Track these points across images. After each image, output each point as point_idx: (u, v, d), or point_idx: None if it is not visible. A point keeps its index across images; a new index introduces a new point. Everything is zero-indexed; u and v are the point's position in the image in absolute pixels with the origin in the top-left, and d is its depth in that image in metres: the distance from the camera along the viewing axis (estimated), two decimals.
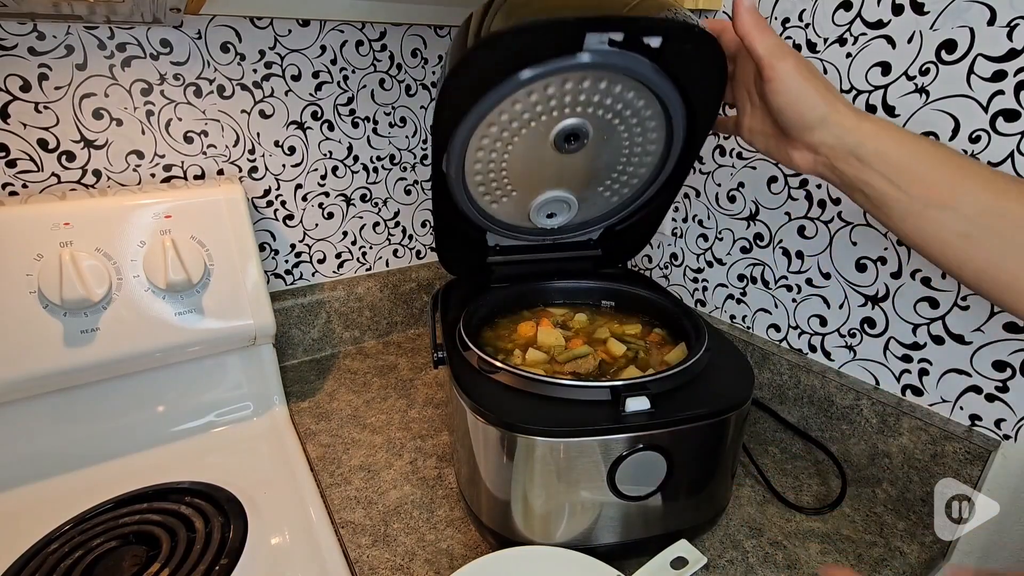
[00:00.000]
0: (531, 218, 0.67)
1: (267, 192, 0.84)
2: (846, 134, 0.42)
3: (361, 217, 0.94)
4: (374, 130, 0.90)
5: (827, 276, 0.67)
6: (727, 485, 0.55)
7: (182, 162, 0.77)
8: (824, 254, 0.67)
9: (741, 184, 0.75)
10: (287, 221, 0.87)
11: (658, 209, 0.69)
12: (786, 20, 0.65)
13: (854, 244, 0.64)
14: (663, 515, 0.51)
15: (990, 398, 0.55)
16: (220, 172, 0.80)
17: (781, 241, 0.72)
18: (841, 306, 0.66)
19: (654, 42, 0.48)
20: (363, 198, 0.93)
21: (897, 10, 0.55)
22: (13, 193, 0.68)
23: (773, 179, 0.71)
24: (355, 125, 0.88)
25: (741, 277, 0.78)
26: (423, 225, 1.01)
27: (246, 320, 0.70)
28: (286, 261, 0.89)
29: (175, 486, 0.63)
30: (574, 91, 0.53)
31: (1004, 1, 0.49)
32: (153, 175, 0.75)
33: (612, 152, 0.61)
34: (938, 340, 0.58)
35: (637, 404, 0.46)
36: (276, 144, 0.83)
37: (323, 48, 0.81)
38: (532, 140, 0.58)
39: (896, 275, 0.61)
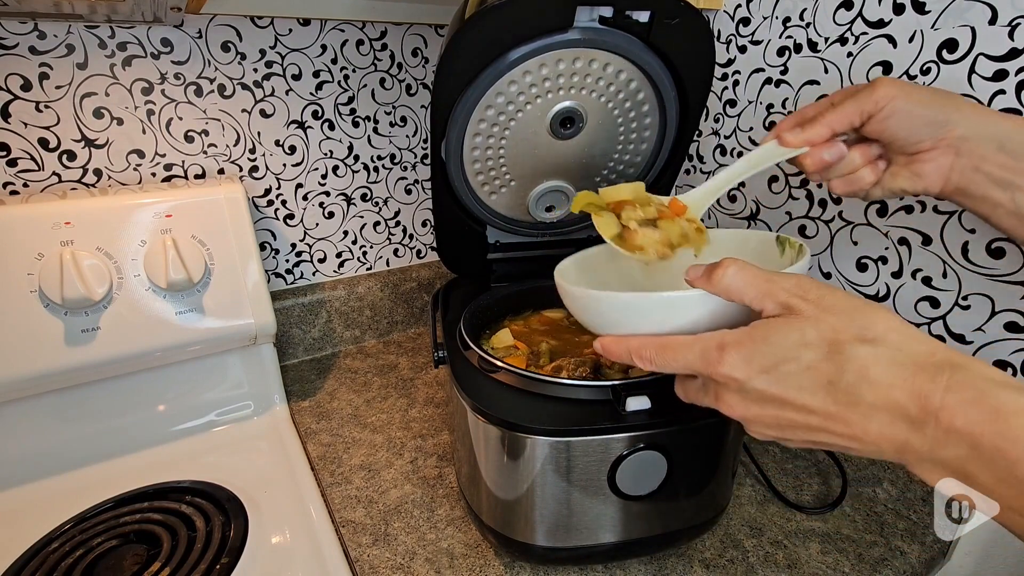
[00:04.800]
0: (530, 211, 0.67)
1: (268, 191, 0.84)
2: (987, 124, 0.35)
3: (362, 216, 0.94)
4: (375, 129, 0.90)
5: (828, 276, 0.67)
6: (727, 484, 0.55)
7: (183, 161, 0.77)
8: (825, 254, 0.67)
9: (742, 184, 0.75)
10: (288, 220, 0.87)
11: None
12: (787, 19, 0.65)
13: (855, 244, 0.64)
14: (663, 515, 0.51)
15: None
16: (221, 171, 0.80)
17: None
18: None
19: (642, 17, 0.51)
20: (364, 197, 0.93)
21: (898, 9, 0.55)
22: (14, 192, 0.68)
23: (774, 179, 0.71)
24: (356, 124, 0.88)
25: None
26: (424, 224, 1.01)
27: (247, 319, 0.70)
28: (287, 260, 0.89)
29: (176, 485, 0.63)
30: (567, 71, 0.54)
31: (1005, 0, 0.49)
32: (154, 174, 0.75)
33: (607, 139, 0.61)
34: (939, 340, 0.58)
35: (638, 403, 0.46)
36: (277, 143, 0.83)
37: (324, 47, 0.81)
38: (528, 125, 0.58)
39: (897, 275, 0.61)
